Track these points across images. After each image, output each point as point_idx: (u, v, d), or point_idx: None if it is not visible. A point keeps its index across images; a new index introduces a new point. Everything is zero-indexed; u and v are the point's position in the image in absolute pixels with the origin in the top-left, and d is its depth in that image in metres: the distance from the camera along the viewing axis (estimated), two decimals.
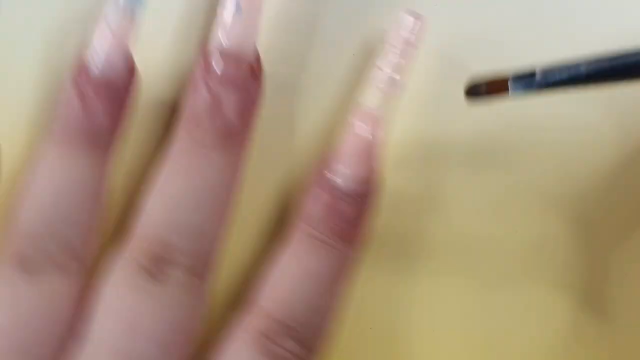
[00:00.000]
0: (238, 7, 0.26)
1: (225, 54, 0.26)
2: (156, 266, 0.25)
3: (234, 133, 0.26)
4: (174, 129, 0.27)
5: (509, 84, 0.21)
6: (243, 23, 0.26)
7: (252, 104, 0.27)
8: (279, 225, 0.29)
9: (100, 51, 0.26)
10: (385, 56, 0.26)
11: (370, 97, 0.27)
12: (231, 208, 0.27)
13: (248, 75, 0.26)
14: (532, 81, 0.21)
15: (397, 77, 0.26)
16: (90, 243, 0.26)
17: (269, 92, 0.27)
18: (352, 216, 0.26)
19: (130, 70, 0.27)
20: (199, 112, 0.26)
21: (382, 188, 0.27)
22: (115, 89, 0.26)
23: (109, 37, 0.26)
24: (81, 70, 0.26)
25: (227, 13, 0.26)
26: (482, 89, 0.23)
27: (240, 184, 0.27)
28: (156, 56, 0.28)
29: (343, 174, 0.27)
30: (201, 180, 0.26)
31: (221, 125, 0.26)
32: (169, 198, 0.26)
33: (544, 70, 0.21)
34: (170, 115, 0.28)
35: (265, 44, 0.28)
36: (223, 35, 0.26)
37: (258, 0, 0.26)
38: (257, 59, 0.27)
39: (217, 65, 0.26)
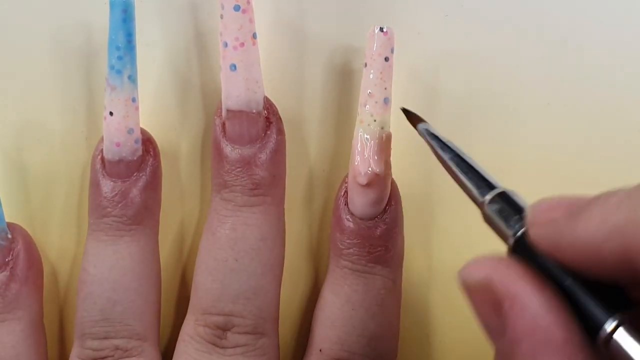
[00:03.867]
0: (232, 65, 0.26)
1: (235, 114, 0.26)
2: (217, 335, 0.26)
3: (263, 186, 0.26)
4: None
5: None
6: (242, 79, 0.26)
7: (276, 152, 0.27)
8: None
9: (111, 140, 0.26)
10: (367, 79, 0.26)
11: (365, 126, 0.26)
12: (278, 257, 0.27)
13: (263, 125, 0.26)
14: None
15: (384, 95, 0.26)
16: (148, 320, 0.27)
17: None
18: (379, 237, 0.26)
19: (146, 144, 0.27)
20: (223, 174, 0.26)
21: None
22: (136, 167, 0.27)
23: (115, 125, 0.26)
24: (101, 160, 0.27)
25: (224, 72, 0.26)
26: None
27: (283, 229, 0.27)
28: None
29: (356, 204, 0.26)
30: (242, 242, 0.26)
31: (248, 182, 0.26)
32: (214, 269, 0.26)
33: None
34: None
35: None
36: (228, 95, 0.26)
37: (252, 54, 0.26)
38: (268, 106, 0.27)
39: (232, 127, 0.26)
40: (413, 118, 0.25)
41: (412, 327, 0.29)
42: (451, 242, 0.29)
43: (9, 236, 0.27)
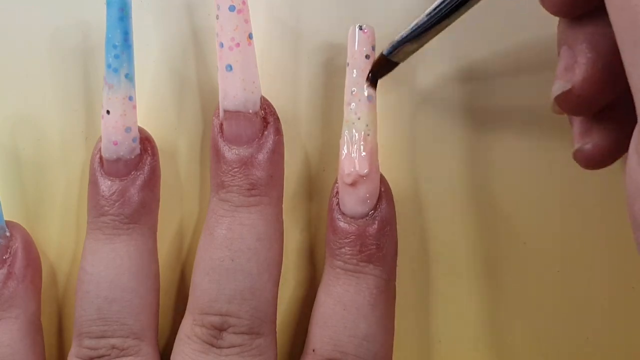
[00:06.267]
0: (228, 65, 0.26)
1: (232, 115, 0.26)
2: (213, 335, 0.26)
3: (259, 186, 0.26)
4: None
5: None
6: (238, 79, 0.26)
7: (273, 152, 0.27)
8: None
9: (109, 138, 0.26)
10: (350, 78, 0.26)
11: (350, 125, 0.26)
12: (276, 257, 0.27)
13: (260, 126, 0.26)
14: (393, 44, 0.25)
15: (368, 93, 0.26)
16: (146, 319, 0.27)
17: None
18: (372, 236, 0.26)
19: (144, 143, 0.27)
20: (221, 175, 0.26)
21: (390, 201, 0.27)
22: (134, 165, 0.27)
23: (113, 124, 0.26)
24: (99, 159, 0.27)
25: (222, 73, 0.26)
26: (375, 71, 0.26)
27: (280, 229, 0.27)
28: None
29: (347, 204, 0.26)
30: (239, 242, 0.26)
31: (245, 182, 0.26)
32: (210, 269, 0.26)
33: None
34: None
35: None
36: (225, 96, 0.26)
37: (249, 54, 0.26)
38: (265, 106, 0.27)
39: (229, 128, 0.26)
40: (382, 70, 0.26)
41: (408, 327, 0.29)
42: (447, 241, 0.29)
43: (8, 234, 0.28)
